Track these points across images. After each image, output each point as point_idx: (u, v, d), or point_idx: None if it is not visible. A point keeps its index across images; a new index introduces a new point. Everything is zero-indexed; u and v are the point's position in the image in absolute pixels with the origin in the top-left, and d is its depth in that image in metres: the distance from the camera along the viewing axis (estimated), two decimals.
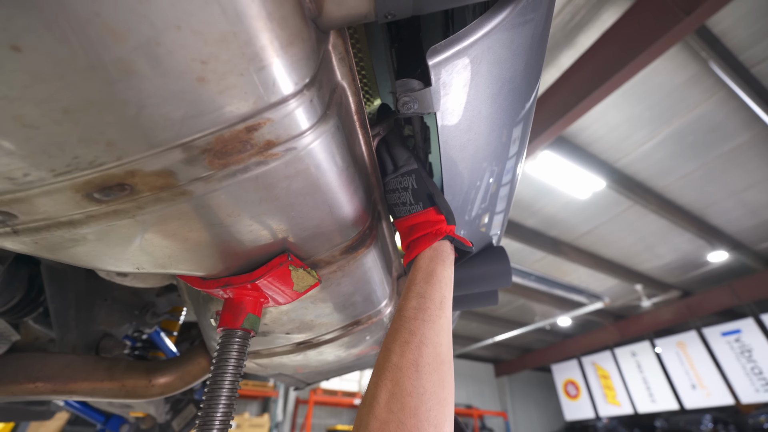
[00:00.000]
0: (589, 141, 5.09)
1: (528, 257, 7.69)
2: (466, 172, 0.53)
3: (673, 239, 6.98)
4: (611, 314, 9.91)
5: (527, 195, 6.06)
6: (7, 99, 0.21)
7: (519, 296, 8.49)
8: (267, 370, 0.84)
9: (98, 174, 0.27)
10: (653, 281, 8.30)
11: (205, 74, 0.23)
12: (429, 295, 0.40)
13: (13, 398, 0.67)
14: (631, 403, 9.73)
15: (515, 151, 0.62)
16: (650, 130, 4.79)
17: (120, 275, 0.75)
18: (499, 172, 0.66)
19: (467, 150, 0.46)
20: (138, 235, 0.33)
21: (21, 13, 0.18)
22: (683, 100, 4.33)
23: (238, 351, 0.41)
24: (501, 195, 0.76)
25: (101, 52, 0.20)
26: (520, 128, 0.58)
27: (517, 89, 0.46)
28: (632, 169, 5.57)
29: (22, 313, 0.98)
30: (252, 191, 0.33)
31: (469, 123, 0.43)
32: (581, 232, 6.99)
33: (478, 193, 0.68)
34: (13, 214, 0.29)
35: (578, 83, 3.82)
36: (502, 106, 0.46)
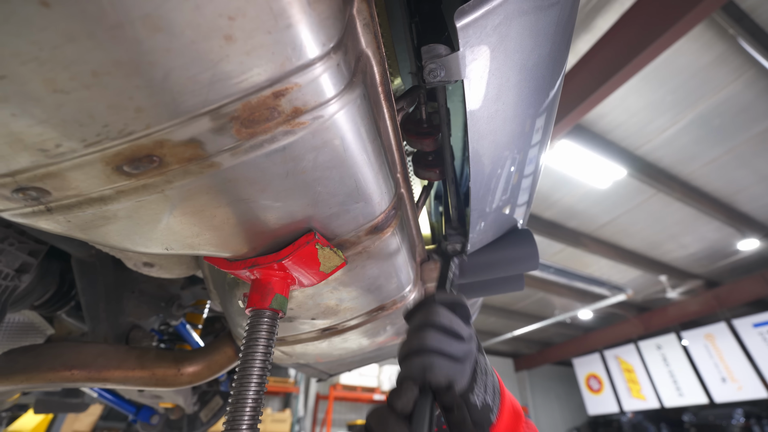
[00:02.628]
0: (609, 128, 4.94)
1: (547, 250, 7.55)
2: (491, 150, 0.51)
3: (699, 228, 6.73)
4: (634, 306, 9.64)
5: (545, 186, 5.94)
6: (38, 61, 0.20)
7: (538, 290, 8.35)
8: (292, 359, 0.85)
9: (128, 144, 0.26)
10: (679, 272, 8.02)
11: (233, 32, 0.23)
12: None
13: (51, 385, 0.69)
14: (657, 397, 9.47)
15: (538, 140, 0.60)
16: (673, 115, 4.61)
17: (147, 265, 0.76)
18: (522, 161, 0.64)
19: (495, 122, 0.44)
20: (167, 212, 0.33)
21: None
22: (709, 81, 4.14)
23: (267, 331, 0.40)
24: (523, 187, 0.74)
25: (129, 7, 0.20)
26: (543, 118, 0.56)
27: (544, 66, 0.43)
28: (654, 156, 5.38)
29: (56, 307, 1.01)
30: (279, 163, 0.32)
31: (497, 92, 0.41)
32: (602, 223, 6.82)
33: (500, 182, 0.66)
34: (47, 191, 0.29)
35: (596, 68, 3.70)
36: (529, 81, 0.44)
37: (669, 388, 9.21)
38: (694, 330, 8.80)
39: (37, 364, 0.69)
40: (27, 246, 0.81)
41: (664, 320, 8.96)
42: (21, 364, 0.69)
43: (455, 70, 0.36)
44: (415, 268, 0.66)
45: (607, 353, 10.61)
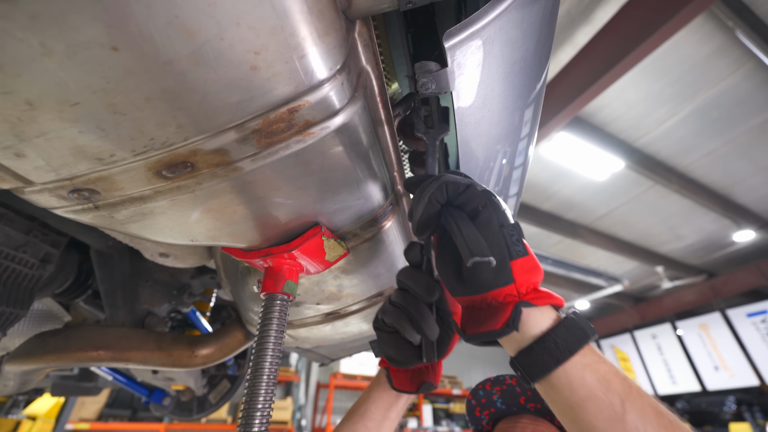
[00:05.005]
0: (607, 120, 4.96)
1: (545, 241, 7.61)
2: (481, 150, 0.56)
3: (696, 220, 6.78)
4: (631, 297, 9.76)
5: (543, 178, 5.97)
6: (105, 91, 0.26)
7: None
8: (296, 342, 0.91)
9: (167, 153, 0.32)
10: (675, 263, 8.10)
11: (258, 63, 0.28)
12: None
13: (80, 364, 0.76)
14: (651, 385, 9.64)
15: (527, 133, 0.65)
16: (672, 107, 4.63)
17: (162, 256, 0.82)
18: (512, 154, 0.69)
19: (481, 127, 0.50)
20: (196, 209, 0.38)
21: (122, 19, 0.22)
22: (708, 73, 4.15)
23: (279, 312, 0.46)
24: (514, 178, 0.79)
25: (178, 48, 0.25)
26: (531, 110, 0.61)
27: (528, 69, 0.48)
28: (653, 148, 5.41)
29: (74, 295, 1.08)
30: (292, 167, 0.37)
31: (483, 101, 0.46)
32: (599, 215, 6.87)
33: (492, 175, 0.71)
34: (97, 191, 0.35)
35: (595, 60, 3.71)
36: (514, 86, 0.49)
37: (663, 376, 9.38)
38: (689, 320, 8.93)
39: (67, 345, 0.75)
40: (49, 238, 0.87)
41: (660, 310, 9.08)
42: (52, 345, 0.75)
43: (444, 84, 0.41)
44: None
45: (603, 342, 10.77)
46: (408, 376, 0.59)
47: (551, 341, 0.37)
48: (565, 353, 0.36)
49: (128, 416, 7.04)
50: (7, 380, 0.93)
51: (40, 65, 0.23)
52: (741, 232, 6.46)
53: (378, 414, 0.59)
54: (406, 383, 0.58)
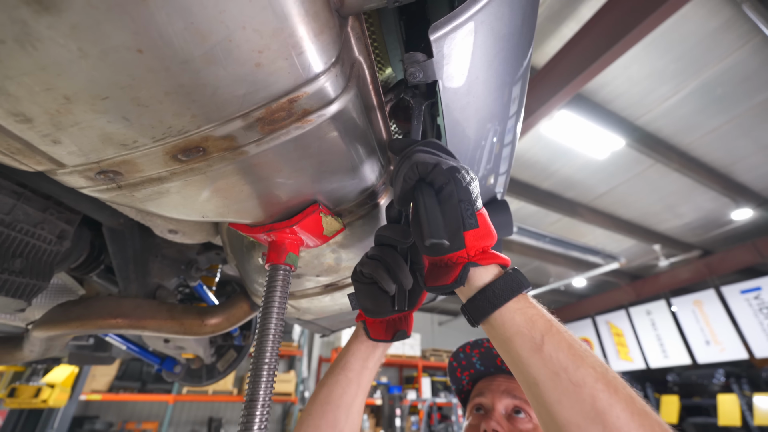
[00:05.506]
0: (610, 98, 4.90)
1: (543, 219, 7.65)
2: (470, 132, 0.60)
3: (695, 198, 6.80)
4: (627, 274, 9.91)
5: (543, 157, 5.95)
6: (130, 87, 0.30)
7: (534, 258, 8.54)
8: (299, 313, 0.98)
9: (183, 139, 0.36)
10: (673, 241, 8.18)
11: (261, 60, 0.32)
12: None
13: (100, 330, 0.83)
14: (643, 358, 9.94)
15: (515, 110, 0.68)
16: (676, 84, 4.57)
17: (171, 232, 0.87)
18: (501, 132, 0.73)
19: (467, 111, 0.53)
20: (207, 188, 0.43)
21: (146, 26, 0.26)
22: (714, 49, 4.07)
23: (282, 281, 0.52)
24: (504, 155, 0.83)
25: (193, 49, 0.29)
26: (518, 87, 0.64)
27: (515, 46, 0.51)
28: (654, 126, 5.36)
29: (88, 270, 1.14)
30: (292, 150, 0.42)
31: (468, 87, 0.50)
32: (599, 193, 6.88)
33: (484, 153, 0.75)
34: (120, 173, 0.39)
35: (598, 36, 3.63)
36: (502, 65, 0.52)
37: (655, 350, 9.65)
38: (684, 296, 9.11)
39: (88, 313, 0.82)
40: (64, 215, 0.92)
41: (656, 287, 9.25)
42: (75, 314, 0.82)
43: (431, 73, 0.44)
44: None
45: (599, 319, 11.03)
46: (383, 327, 0.64)
47: (490, 291, 0.45)
48: (500, 300, 0.44)
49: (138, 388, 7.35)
50: (33, 346, 1.00)
51: (77, 66, 0.27)
52: (739, 211, 6.50)
53: (357, 365, 0.65)
54: (382, 333, 0.64)
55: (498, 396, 0.77)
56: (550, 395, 0.38)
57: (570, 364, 0.38)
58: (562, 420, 0.37)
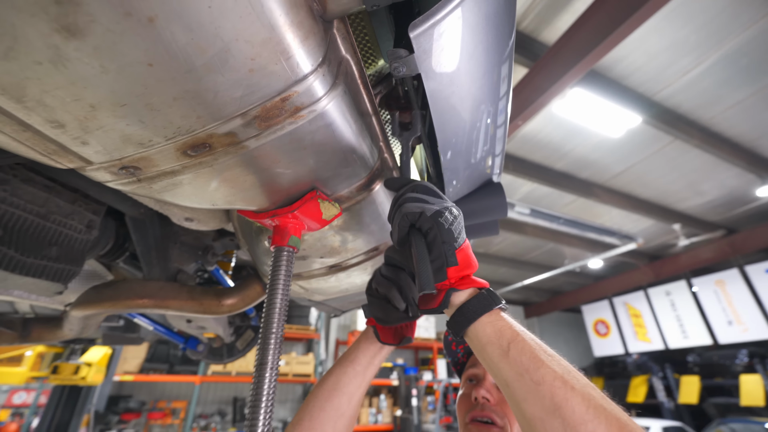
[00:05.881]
0: (626, 73, 4.73)
1: (557, 201, 7.54)
2: (465, 115, 0.64)
3: (718, 175, 6.57)
4: (646, 255, 9.71)
5: (556, 137, 5.83)
6: (144, 94, 0.35)
7: (548, 240, 8.45)
8: (308, 293, 1.05)
9: (191, 137, 0.42)
10: (693, 220, 7.95)
11: (254, 66, 0.36)
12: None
13: (128, 310, 0.91)
14: (662, 339, 9.84)
15: (505, 90, 0.71)
16: (697, 56, 4.37)
17: (188, 220, 0.94)
18: (494, 113, 0.76)
19: (456, 97, 0.57)
20: (214, 179, 0.49)
21: (154, 44, 0.31)
22: (738, 16, 3.87)
23: (287, 261, 0.57)
24: (498, 136, 0.86)
25: (194, 60, 0.34)
26: (506, 66, 0.66)
27: (499, 27, 0.54)
28: (674, 101, 5.17)
29: (114, 257, 1.23)
30: (287, 143, 0.46)
31: (455, 75, 0.53)
32: (615, 173, 6.72)
33: (480, 135, 0.78)
34: (139, 168, 0.45)
35: (614, 7, 3.50)
36: (487, 49, 0.55)
37: (675, 331, 9.54)
38: (705, 276, 8.91)
39: (118, 294, 0.91)
40: (91, 207, 1.00)
41: (676, 268, 9.06)
42: (106, 295, 0.91)
43: (413, 67, 0.48)
44: None
45: (616, 300, 10.91)
46: (391, 333, 0.74)
47: (466, 309, 0.53)
48: (474, 315, 0.52)
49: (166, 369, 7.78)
50: (72, 325, 1.11)
51: (100, 79, 0.33)
52: (765, 187, 6.25)
53: (365, 360, 0.74)
54: (390, 338, 0.74)
55: None
56: (518, 394, 0.44)
57: (531, 366, 0.45)
58: (529, 415, 0.42)
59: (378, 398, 8.78)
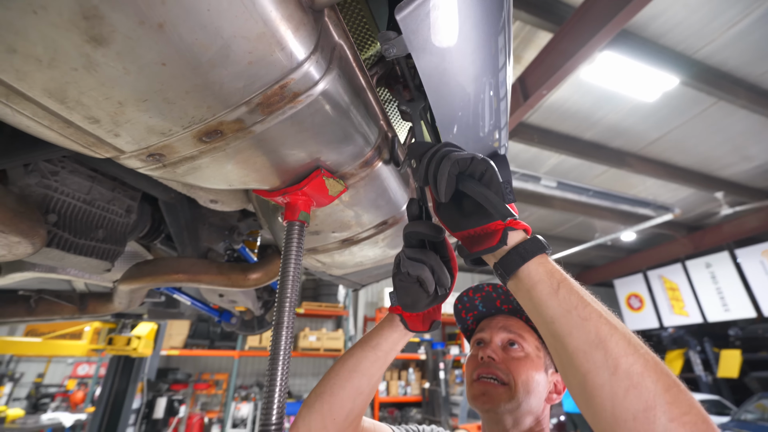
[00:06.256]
0: (662, 31, 4.40)
1: (587, 173, 7.26)
2: (469, 89, 0.66)
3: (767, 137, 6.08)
4: (684, 226, 9.23)
5: (585, 105, 5.56)
6: (161, 90, 0.41)
7: (578, 214, 8.18)
8: (325, 267, 1.12)
9: (204, 125, 0.47)
10: (739, 187, 7.44)
11: (252, 59, 0.41)
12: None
13: (166, 284, 1.02)
14: (700, 312, 9.47)
15: (503, 62, 0.72)
16: (743, 7, 3.99)
17: (212, 202, 1.02)
18: (495, 85, 0.77)
19: (446, 76, 0.59)
20: (229, 162, 0.55)
21: (165, 46, 0.37)
22: None
23: (298, 234, 0.64)
24: (501, 109, 0.87)
25: (200, 58, 0.39)
26: (503, 36, 0.67)
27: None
28: (717, 58, 4.77)
29: (151, 238, 1.36)
30: (290, 126, 0.51)
31: (441, 55, 0.55)
32: (650, 140, 6.36)
33: (485, 109, 0.80)
34: (163, 154, 0.52)
35: None
36: (480, 20, 0.56)
37: (715, 304, 9.14)
38: (751, 247, 8.41)
39: (157, 270, 1.02)
40: (128, 193, 1.11)
41: (717, 238, 8.58)
42: (147, 271, 1.02)
43: (402, 48, 0.51)
44: (408, 191, 0.86)
45: (651, 273, 10.52)
46: (420, 319, 0.75)
47: (522, 248, 0.55)
48: (529, 255, 0.54)
49: (207, 345, 8.39)
50: (120, 298, 1.25)
51: (124, 80, 0.39)
52: None
53: (387, 346, 0.77)
54: (419, 325, 0.76)
55: (496, 331, 0.87)
56: (564, 329, 0.48)
57: (579, 304, 0.48)
58: (572, 348, 0.46)
59: (406, 371, 9.07)
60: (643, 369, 0.41)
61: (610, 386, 0.41)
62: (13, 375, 6.88)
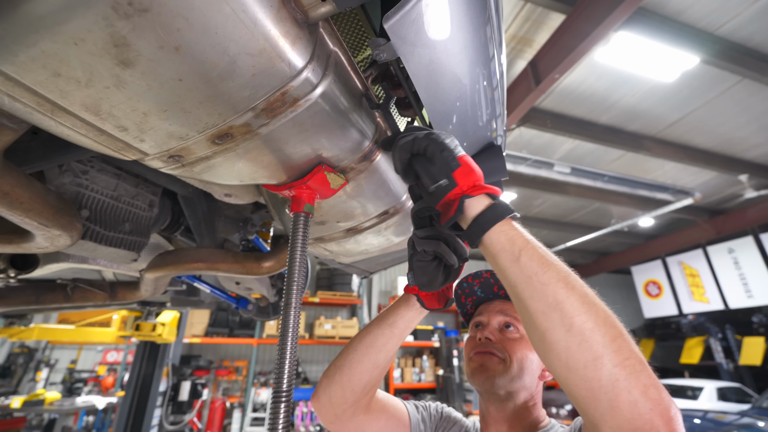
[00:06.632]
0: (682, 8, 4.24)
1: (602, 158, 7.10)
2: (464, 80, 0.70)
3: None
4: (705, 210, 8.95)
5: (600, 88, 5.42)
6: (178, 101, 0.47)
7: (593, 200, 8.03)
8: (333, 255, 1.19)
9: (216, 129, 0.54)
10: (764, 169, 7.17)
11: (255, 71, 0.47)
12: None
13: (186, 272, 1.11)
14: (722, 299, 9.24)
15: (493, 52, 0.75)
16: None
17: (227, 196, 1.10)
18: (488, 76, 0.80)
19: (434, 75, 0.64)
20: (239, 160, 0.61)
21: (181, 64, 0.43)
22: None
23: (303, 224, 0.70)
24: (496, 98, 0.90)
25: (210, 73, 0.45)
26: (490, 27, 0.70)
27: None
28: (742, 34, 4.58)
29: (172, 230, 1.45)
30: (292, 127, 0.57)
31: (429, 55, 0.60)
32: (668, 123, 6.16)
33: (481, 98, 0.84)
34: (182, 156, 0.58)
35: None
36: (465, 16, 0.60)
37: (737, 290, 8.91)
38: None
39: (178, 259, 1.11)
40: (150, 189, 1.20)
41: (741, 223, 8.31)
42: (169, 260, 1.11)
43: (392, 53, 0.56)
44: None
45: (670, 259, 10.28)
46: (435, 297, 0.80)
47: (480, 218, 0.58)
48: (488, 225, 0.57)
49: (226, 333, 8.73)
50: (146, 286, 1.35)
51: (148, 94, 0.45)
52: None
53: (402, 324, 0.83)
54: (435, 303, 0.81)
55: (493, 314, 0.93)
56: (525, 293, 0.53)
57: (539, 270, 0.52)
58: (533, 310, 0.51)
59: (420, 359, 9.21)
60: (593, 325, 0.46)
61: (566, 342, 0.47)
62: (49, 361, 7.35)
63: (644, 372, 0.44)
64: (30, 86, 0.43)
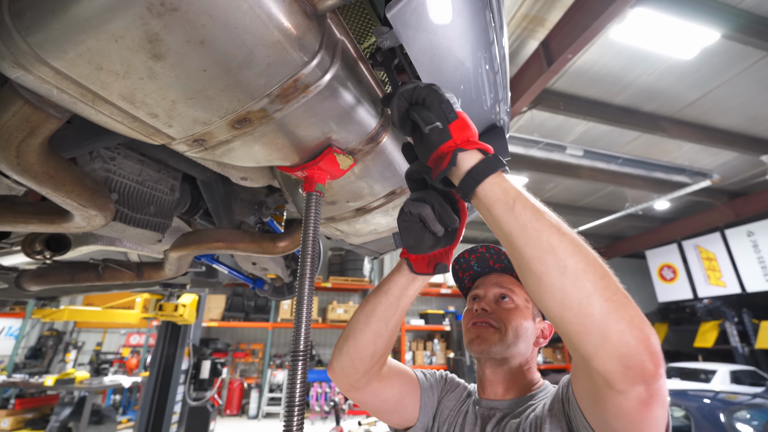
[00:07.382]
0: None
1: (617, 140, 6.96)
2: (468, 63, 0.73)
3: None
4: (725, 192, 8.72)
5: (615, 67, 5.29)
6: (203, 89, 0.53)
7: (607, 183, 7.90)
8: (344, 235, 1.25)
9: (235, 115, 0.59)
10: None
11: (270, 61, 0.52)
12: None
13: (207, 251, 1.19)
14: (739, 283, 9.08)
15: (494, 36, 0.78)
16: None
17: (243, 179, 1.16)
18: (489, 60, 0.84)
19: (435, 60, 0.68)
20: (256, 143, 0.67)
21: (205, 56, 0.48)
22: None
23: (315, 203, 0.76)
24: (498, 82, 0.93)
25: (230, 63, 0.50)
26: (489, 11, 0.73)
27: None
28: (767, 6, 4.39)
29: (192, 213, 1.54)
30: (303, 112, 0.62)
31: (429, 41, 0.64)
32: (687, 102, 5.98)
33: (484, 83, 0.87)
34: (205, 140, 0.64)
35: None
36: (463, 5, 0.64)
37: (756, 274, 8.73)
38: None
39: (199, 239, 1.19)
40: (171, 174, 1.27)
41: (762, 205, 8.08)
42: (191, 240, 1.19)
43: (394, 40, 0.60)
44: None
45: (686, 243, 10.10)
46: (425, 262, 0.80)
47: (474, 171, 0.59)
48: (482, 177, 0.59)
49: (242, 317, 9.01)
50: (170, 265, 1.45)
51: (176, 84, 0.51)
52: None
53: (397, 291, 0.84)
54: (424, 267, 0.79)
55: (489, 287, 0.98)
56: (520, 240, 0.55)
57: (533, 218, 0.55)
58: (528, 256, 0.55)
59: (432, 342, 9.37)
60: (585, 265, 0.51)
61: (561, 283, 0.51)
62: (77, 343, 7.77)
63: (629, 304, 0.49)
64: (76, 79, 0.49)
